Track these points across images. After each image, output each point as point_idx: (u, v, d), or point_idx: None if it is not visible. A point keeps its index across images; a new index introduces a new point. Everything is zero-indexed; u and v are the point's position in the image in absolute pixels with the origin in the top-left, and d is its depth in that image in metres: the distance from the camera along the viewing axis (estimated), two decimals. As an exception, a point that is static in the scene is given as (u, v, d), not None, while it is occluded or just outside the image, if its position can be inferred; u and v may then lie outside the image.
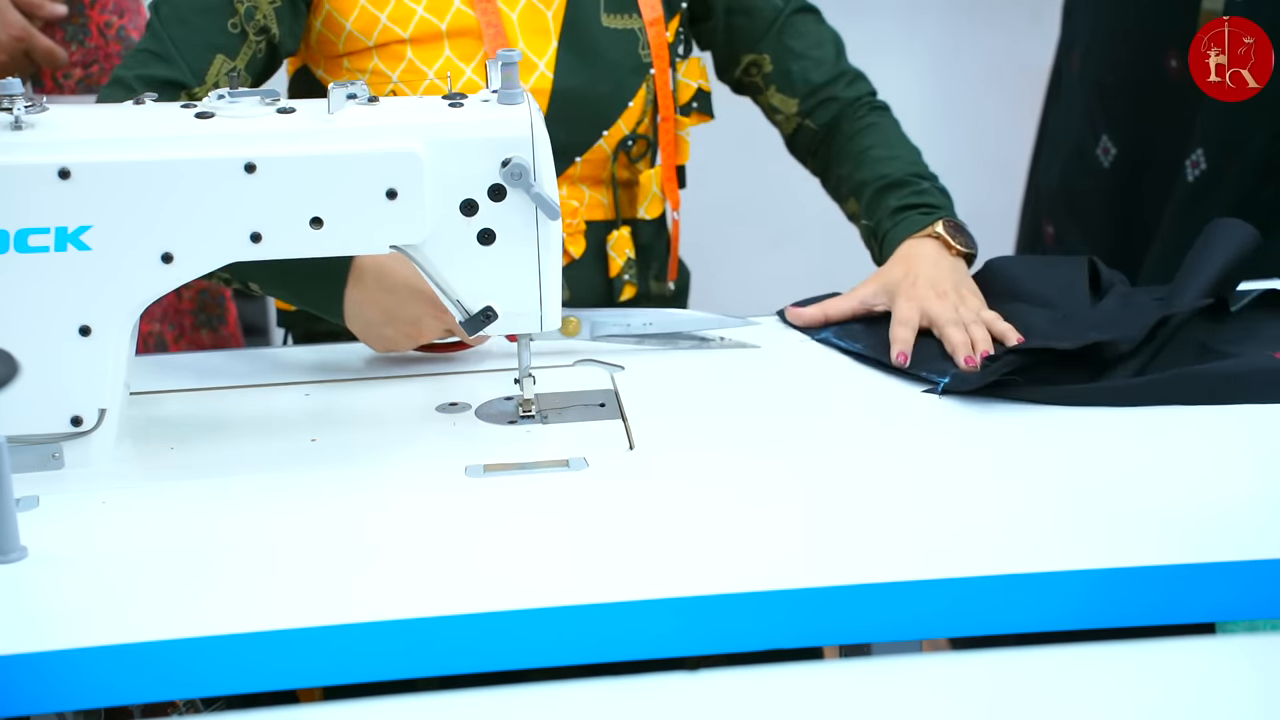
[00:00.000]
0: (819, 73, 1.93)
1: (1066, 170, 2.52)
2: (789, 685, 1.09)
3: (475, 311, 1.50)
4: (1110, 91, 2.41)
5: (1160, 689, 1.10)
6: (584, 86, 1.86)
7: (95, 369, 1.45)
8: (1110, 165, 2.44)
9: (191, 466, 1.50)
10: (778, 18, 1.93)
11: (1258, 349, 1.65)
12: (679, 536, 1.34)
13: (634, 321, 1.76)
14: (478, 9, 1.80)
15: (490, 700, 1.08)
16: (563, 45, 1.85)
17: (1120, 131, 2.42)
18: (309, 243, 1.46)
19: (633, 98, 1.90)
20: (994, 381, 1.57)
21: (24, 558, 1.31)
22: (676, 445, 1.52)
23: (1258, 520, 1.34)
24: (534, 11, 1.84)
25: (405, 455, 1.51)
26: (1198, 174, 2.28)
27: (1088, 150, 2.45)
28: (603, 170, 1.92)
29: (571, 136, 1.87)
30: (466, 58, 1.81)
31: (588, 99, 1.87)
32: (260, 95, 1.47)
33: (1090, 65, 2.44)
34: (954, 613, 1.26)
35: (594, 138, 1.89)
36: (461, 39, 1.81)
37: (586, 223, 1.92)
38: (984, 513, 1.37)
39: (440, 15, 1.80)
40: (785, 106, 1.94)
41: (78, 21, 2.17)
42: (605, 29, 1.87)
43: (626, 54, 1.88)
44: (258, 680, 1.22)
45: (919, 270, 1.74)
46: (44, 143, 1.42)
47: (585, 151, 1.89)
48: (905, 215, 1.81)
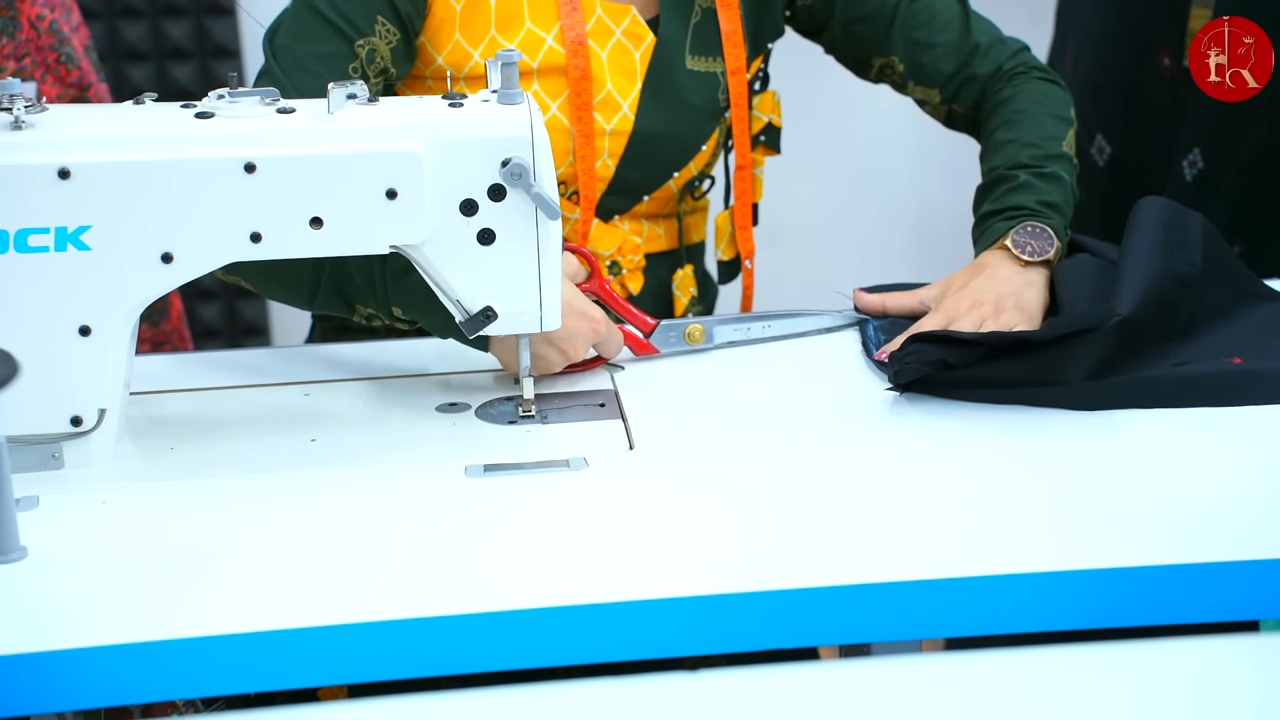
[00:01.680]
0: (949, 60, 1.91)
1: None
2: (788, 685, 1.09)
3: (475, 311, 1.50)
4: (1103, 91, 2.42)
5: (1160, 689, 1.10)
6: (663, 128, 1.86)
7: (95, 369, 1.45)
8: (1105, 164, 2.44)
9: (191, 466, 1.50)
10: (895, 15, 1.91)
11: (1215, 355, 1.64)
12: (679, 536, 1.35)
13: (753, 326, 1.77)
14: (568, 49, 1.79)
15: (490, 700, 1.08)
16: (647, 87, 1.84)
17: (1114, 131, 2.42)
18: (309, 243, 1.46)
19: (706, 141, 1.90)
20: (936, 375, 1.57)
21: (24, 558, 1.31)
22: (676, 445, 1.52)
23: (1255, 519, 1.34)
24: (623, 51, 1.83)
25: (405, 455, 1.51)
26: (1195, 173, 2.28)
27: (1083, 150, 2.45)
28: (664, 207, 1.93)
29: (644, 177, 1.88)
30: (554, 94, 1.80)
31: (666, 141, 1.87)
32: (260, 95, 1.47)
33: (1083, 65, 2.44)
34: (952, 613, 1.26)
35: (665, 178, 1.90)
36: (551, 77, 1.80)
37: (646, 256, 1.93)
38: (984, 513, 1.37)
39: (533, 54, 1.79)
40: (930, 97, 1.93)
41: (7, 14, 2.16)
42: (689, 71, 1.86)
43: (706, 98, 1.88)
44: (257, 680, 1.22)
45: (977, 281, 1.72)
46: (44, 143, 1.42)
47: (654, 191, 1.90)
48: (988, 224, 1.79)
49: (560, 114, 1.80)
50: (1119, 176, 2.45)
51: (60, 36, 2.20)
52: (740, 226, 1.96)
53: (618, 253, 1.89)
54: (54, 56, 2.20)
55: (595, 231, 1.87)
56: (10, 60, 2.17)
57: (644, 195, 1.89)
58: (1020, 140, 1.84)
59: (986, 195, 1.83)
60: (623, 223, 1.90)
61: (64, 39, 2.22)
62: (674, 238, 1.95)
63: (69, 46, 2.22)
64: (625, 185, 1.87)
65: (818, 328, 1.77)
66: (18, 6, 2.17)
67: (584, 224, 1.85)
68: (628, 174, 1.86)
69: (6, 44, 2.16)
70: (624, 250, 1.89)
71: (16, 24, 2.17)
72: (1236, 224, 2.30)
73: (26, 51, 2.18)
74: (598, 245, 1.87)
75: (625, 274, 1.90)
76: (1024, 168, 1.81)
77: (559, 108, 1.80)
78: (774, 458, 1.49)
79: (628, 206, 1.89)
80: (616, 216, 1.89)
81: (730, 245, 1.97)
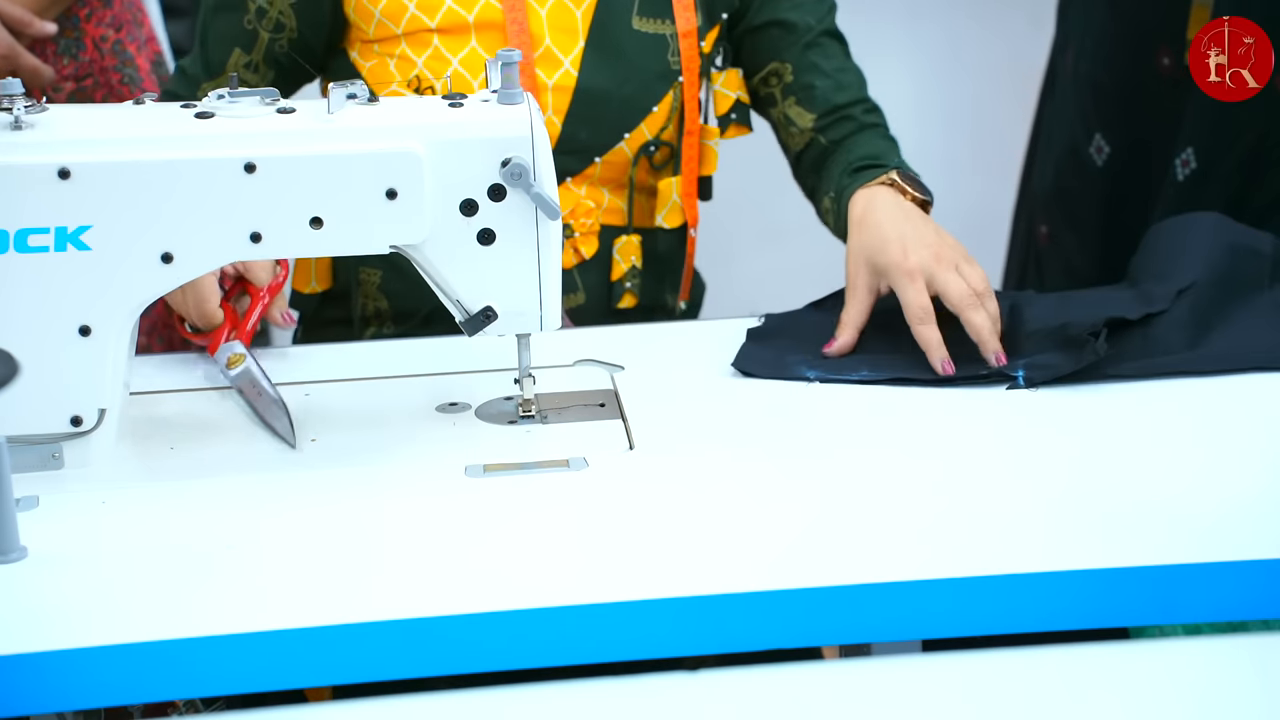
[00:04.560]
0: (842, 95, 1.92)
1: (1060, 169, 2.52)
2: (789, 685, 1.09)
3: (475, 311, 1.50)
4: (1103, 90, 2.42)
5: (1160, 689, 1.10)
6: (608, 87, 1.86)
7: (95, 369, 1.45)
8: (1104, 164, 2.44)
9: (191, 466, 1.50)
10: (809, 33, 1.92)
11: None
12: (679, 536, 1.35)
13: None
14: (504, 3, 1.81)
15: (490, 700, 1.08)
16: (590, 45, 1.85)
17: (1113, 130, 2.42)
18: (309, 243, 1.46)
19: (657, 103, 1.90)
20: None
21: (24, 558, 1.31)
22: (676, 445, 1.52)
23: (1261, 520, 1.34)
24: (563, 9, 1.84)
25: (405, 455, 1.51)
26: (1188, 172, 2.28)
27: (1081, 149, 2.45)
28: (622, 174, 1.92)
29: (593, 136, 1.88)
30: (492, 50, 1.80)
31: (611, 100, 1.87)
32: (260, 95, 1.47)
33: (1084, 64, 2.45)
34: (954, 613, 1.26)
35: (615, 140, 1.89)
36: (488, 32, 1.82)
37: (602, 225, 1.92)
38: (984, 513, 1.37)
39: (468, 8, 1.81)
40: (801, 120, 1.92)
41: (71, 35, 2.17)
42: (635, 32, 1.87)
43: (655, 59, 1.88)
44: (257, 680, 1.22)
45: (891, 232, 1.70)
46: (44, 143, 1.42)
47: (605, 153, 1.89)
48: (860, 174, 1.80)
49: None
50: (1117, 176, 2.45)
51: (124, 57, 2.21)
52: (685, 194, 1.95)
53: (569, 215, 1.89)
54: (118, 78, 2.21)
55: None
56: (70, 81, 2.17)
57: (595, 157, 1.89)
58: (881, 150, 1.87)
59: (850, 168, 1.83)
60: (578, 186, 1.89)
61: (128, 59, 2.22)
62: (628, 214, 1.94)
63: (132, 68, 2.23)
64: (574, 144, 1.87)
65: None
66: (83, 28, 2.17)
67: None
68: (575, 131, 1.86)
69: (69, 65, 2.17)
70: (576, 214, 1.89)
71: (80, 45, 2.18)
72: None
73: (89, 73, 2.18)
74: None
75: (578, 237, 1.89)
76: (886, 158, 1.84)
77: None
78: (774, 458, 1.49)
79: (579, 168, 1.89)
80: (570, 179, 1.89)
81: (675, 212, 1.95)
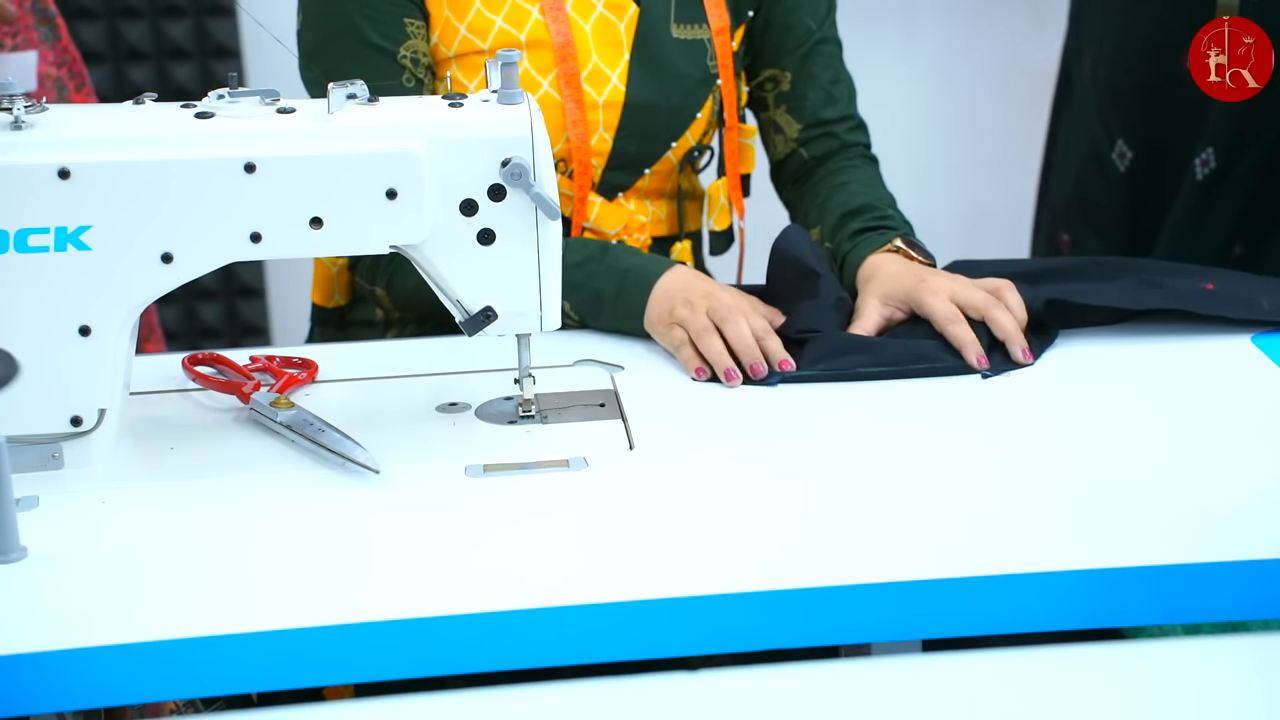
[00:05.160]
0: (830, 109, 1.94)
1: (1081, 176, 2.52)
2: (789, 685, 1.09)
3: (475, 311, 1.50)
4: (1124, 96, 2.41)
5: (1161, 689, 1.10)
6: (655, 99, 1.87)
7: (95, 369, 1.45)
8: (1126, 169, 2.44)
9: (191, 466, 1.50)
10: (809, 39, 1.93)
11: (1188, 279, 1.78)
12: (679, 536, 1.34)
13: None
14: (550, 21, 1.81)
15: (490, 700, 1.08)
16: (634, 58, 1.85)
17: (1135, 135, 2.42)
18: (309, 243, 1.46)
19: (700, 109, 1.91)
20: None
21: (24, 558, 1.31)
22: (676, 445, 1.52)
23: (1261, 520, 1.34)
24: (607, 24, 1.84)
25: (405, 455, 1.51)
26: (1207, 172, 2.29)
27: (1104, 154, 2.45)
28: (668, 182, 1.94)
29: (642, 150, 1.89)
30: (544, 70, 1.81)
31: (659, 111, 1.88)
32: (260, 95, 1.47)
33: (1103, 70, 2.44)
34: (954, 613, 1.26)
35: (663, 150, 1.90)
36: (538, 50, 1.82)
37: (653, 238, 1.94)
38: (984, 512, 1.37)
39: (519, 27, 1.81)
40: (788, 128, 1.94)
41: None
42: (675, 40, 1.87)
43: (695, 65, 1.89)
44: (257, 680, 1.22)
45: (905, 273, 1.72)
46: (44, 143, 1.42)
47: (654, 164, 1.90)
48: (864, 236, 1.81)
49: (552, 90, 1.81)
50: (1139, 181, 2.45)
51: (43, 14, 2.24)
52: (731, 191, 1.96)
53: (623, 231, 1.90)
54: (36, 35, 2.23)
55: (600, 210, 1.88)
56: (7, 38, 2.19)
57: (644, 169, 1.90)
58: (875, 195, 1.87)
59: (851, 219, 1.83)
60: (628, 201, 1.91)
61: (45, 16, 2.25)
62: (674, 223, 1.96)
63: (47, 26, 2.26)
64: (625, 158, 1.88)
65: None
66: None
67: (579, 201, 1.85)
68: (625, 146, 1.87)
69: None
70: (629, 229, 1.91)
71: None
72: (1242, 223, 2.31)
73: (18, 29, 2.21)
74: (602, 224, 1.88)
75: None
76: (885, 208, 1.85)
77: (550, 84, 1.81)
78: (774, 457, 1.49)
79: (630, 182, 1.90)
80: (620, 194, 1.90)
81: (725, 214, 1.97)
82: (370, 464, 1.45)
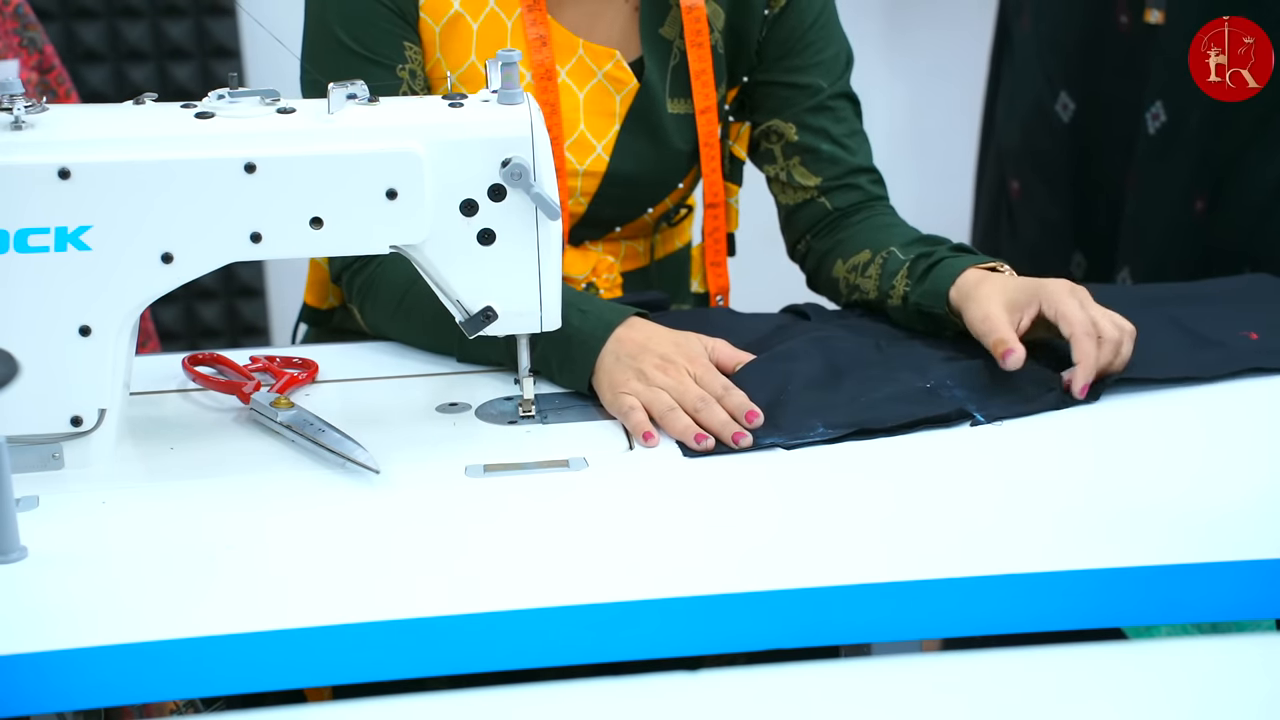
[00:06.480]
0: (848, 162, 1.90)
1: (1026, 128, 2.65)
2: (789, 685, 1.09)
3: (475, 311, 1.50)
4: (1064, 50, 2.54)
5: (1161, 689, 1.10)
6: (639, 171, 1.87)
7: (95, 369, 1.45)
8: (1070, 120, 2.54)
9: (191, 466, 1.50)
10: (819, 95, 1.90)
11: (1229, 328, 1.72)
12: (679, 536, 1.35)
13: None
14: (536, 84, 1.80)
15: (490, 700, 1.08)
16: (625, 129, 1.85)
17: (1077, 88, 2.54)
18: (309, 243, 1.46)
19: (683, 179, 1.92)
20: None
21: (24, 558, 1.31)
22: (676, 445, 1.52)
23: (1261, 520, 1.34)
24: (603, 94, 1.84)
25: (405, 455, 1.51)
26: (1158, 125, 2.36)
27: (1047, 107, 2.57)
28: (640, 232, 1.95)
29: (618, 214, 1.90)
30: None
31: (641, 182, 1.88)
32: (260, 95, 1.47)
33: (1043, 26, 2.58)
34: (954, 613, 1.26)
35: (639, 214, 1.92)
36: None
37: (623, 274, 1.94)
38: (985, 513, 1.37)
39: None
40: (805, 180, 1.90)
41: None
42: (671, 115, 1.87)
43: (685, 139, 1.89)
44: (257, 680, 1.21)
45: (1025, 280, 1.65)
46: (44, 143, 1.42)
47: (627, 224, 1.92)
48: (964, 255, 1.74)
49: None
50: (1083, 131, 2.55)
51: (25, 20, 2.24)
52: (712, 263, 1.96)
53: (592, 274, 1.91)
54: (17, 40, 2.23)
55: (567, 257, 1.87)
56: None
57: (616, 227, 1.92)
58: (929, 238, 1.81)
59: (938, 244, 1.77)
60: (595, 246, 1.92)
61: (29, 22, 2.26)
62: (648, 256, 1.98)
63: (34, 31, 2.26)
64: (598, 220, 1.89)
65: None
66: None
67: None
68: (600, 210, 1.88)
69: None
70: (599, 271, 1.91)
71: None
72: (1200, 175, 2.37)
73: None
74: (570, 270, 1.88)
75: (603, 293, 1.91)
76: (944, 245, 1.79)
77: None
78: (774, 457, 1.49)
79: (599, 235, 1.92)
80: (588, 242, 1.91)
81: (704, 280, 1.99)
82: (370, 464, 1.45)
